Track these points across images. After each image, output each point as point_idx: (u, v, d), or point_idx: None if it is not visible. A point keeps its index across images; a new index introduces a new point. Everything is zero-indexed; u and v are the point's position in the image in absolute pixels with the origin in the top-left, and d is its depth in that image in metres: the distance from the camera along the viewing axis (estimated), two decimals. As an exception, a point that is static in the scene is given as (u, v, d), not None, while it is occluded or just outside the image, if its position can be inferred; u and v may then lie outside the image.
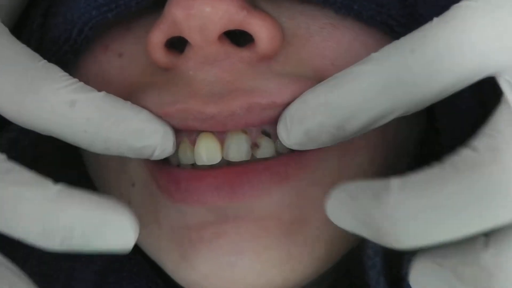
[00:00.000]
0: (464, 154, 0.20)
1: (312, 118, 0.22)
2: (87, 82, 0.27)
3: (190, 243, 0.27)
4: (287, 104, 0.24)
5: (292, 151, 0.27)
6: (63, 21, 0.26)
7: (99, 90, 0.25)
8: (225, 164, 0.27)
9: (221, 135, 0.26)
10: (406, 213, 0.20)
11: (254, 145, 0.26)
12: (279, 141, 0.26)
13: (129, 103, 0.24)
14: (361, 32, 0.25)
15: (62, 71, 0.24)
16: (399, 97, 0.21)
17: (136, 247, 0.31)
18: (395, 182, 0.20)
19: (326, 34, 0.25)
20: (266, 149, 0.26)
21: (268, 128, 0.26)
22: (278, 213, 0.26)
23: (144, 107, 0.25)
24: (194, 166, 0.28)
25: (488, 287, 0.19)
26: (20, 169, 0.23)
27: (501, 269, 0.19)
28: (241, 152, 0.26)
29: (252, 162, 0.26)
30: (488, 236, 0.20)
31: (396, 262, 0.25)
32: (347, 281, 0.31)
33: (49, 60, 0.28)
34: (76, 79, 0.24)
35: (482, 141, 0.20)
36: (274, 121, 0.25)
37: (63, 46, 0.26)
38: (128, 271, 0.31)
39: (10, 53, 0.23)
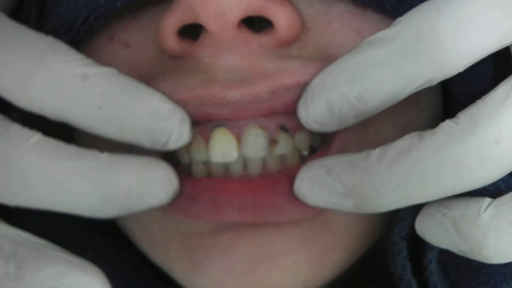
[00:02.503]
0: (445, 125, 0.20)
1: (332, 87, 0.22)
2: None
3: (202, 250, 0.25)
4: None
5: (312, 151, 0.26)
6: (65, 10, 0.24)
7: None
8: (242, 173, 0.25)
9: (237, 131, 0.25)
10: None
11: (272, 141, 0.25)
12: (297, 136, 0.25)
13: (143, 83, 0.23)
14: (381, 23, 0.24)
15: (70, 47, 0.22)
16: (423, 60, 0.20)
17: (133, 248, 0.29)
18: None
19: (345, 22, 0.24)
20: (284, 145, 0.25)
21: (286, 123, 0.25)
22: (298, 220, 0.25)
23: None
24: (209, 174, 0.26)
25: (480, 245, 0.20)
26: (63, 144, 0.22)
27: (495, 230, 0.20)
28: (259, 148, 0.25)
29: (276, 174, 0.25)
30: (494, 199, 0.21)
31: (419, 252, 0.25)
32: (365, 277, 0.30)
33: None
34: (84, 56, 0.22)
35: (466, 113, 0.20)
36: (286, 111, 0.24)
37: (65, 36, 0.25)
38: (126, 275, 0.29)
39: (14, 30, 0.22)
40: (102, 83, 0.22)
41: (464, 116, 0.20)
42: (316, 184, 0.22)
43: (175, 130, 0.22)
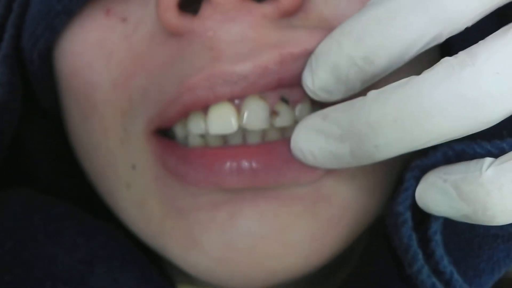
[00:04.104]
0: (443, 61, 0.20)
1: (338, 50, 0.21)
2: (84, 51, 0.25)
3: (199, 225, 0.24)
4: None
5: None
6: None
7: (99, 62, 0.24)
8: (240, 142, 0.25)
9: (237, 102, 0.24)
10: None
11: (273, 113, 0.24)
12: (298, 108, 0.25)
13: None
14: None
15: None
16: (431, 13, 0.19)
17: (127, 233, 0.28)
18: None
19: None
20: (285, 117, 0.24)
21: (287, 94, 0.24)
22: (300, 191, 0.24)
23: (163, 87, 0.23)
24: (206, 145, 0.25)
25: (484, 205, 0.20)
26: None
27: (499, 188, 0.19)
28: (260, 119, 0.24)
29: (274, 142, 0.24)
30: (496, 159, 0.20)
31: (422, 224, 0.24)
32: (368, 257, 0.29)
33: (38, 24, 0.26)
34: None
35: (466, 50, 0.19)
36: (293, 83, 0.23)
37: (57, 5, 0.24)
38: (120, 259, 0.28)
39: None
40: None
41: (463, 52, 0.20)
42: (313, 131, 0.22)
43: None
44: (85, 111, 0.26)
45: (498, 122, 0.19)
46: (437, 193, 0.21)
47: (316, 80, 0.22)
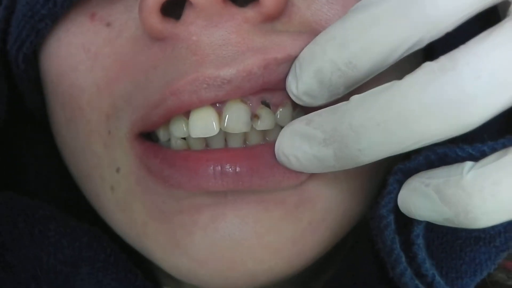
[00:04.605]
0: (425, 65, 0.20)
1: (322, 55, 0.21)
2: (69, 55, 0.25)
3: (183, 228, 0.24)
4: None
5: None
6: None
7: (84, 65, 0.24)
8: (222, 145, 0.25)
9: (218, 105, 0.24)
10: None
11: (254, 116, 0.24)
12: (279, 112, 0.25)
13: None
14: None
15: None
16: (412, 18, 0.20)
17: (112, 236, 0.28)
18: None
19: None
20: (266, 120, 0.25)
21: (269, 98, 0.25)
22: (282, 195, 0.24)
23: (147, 92, 0.23)
24: (189, 148, 0.26)
25: (466, 208, 0.20)
26: None
27: (480, 191, 0.19)
28: (241, 122, 0.24)
29: (257, 145, 0.25)
30: (476, 162, 0.20)
31: (405, 227, 0.24)
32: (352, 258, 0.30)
33: (23, 28, 0.26)
34: None
35: (447, 54, 0.20)
36: (276, 87, 0.23)
37: (41, 9, 0.24)
38: (104, 261, 0.28)
39: None
40: None
41: (444, 56, 0.20)
42: (297, 136, 0.22)
43: None
44: (71, 114, 0.26)
45: (479, 125, 0.20)
46: (419, 198, 0.21)
47: (300, 85, 0.22)
